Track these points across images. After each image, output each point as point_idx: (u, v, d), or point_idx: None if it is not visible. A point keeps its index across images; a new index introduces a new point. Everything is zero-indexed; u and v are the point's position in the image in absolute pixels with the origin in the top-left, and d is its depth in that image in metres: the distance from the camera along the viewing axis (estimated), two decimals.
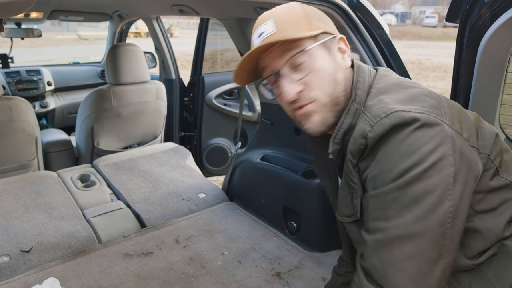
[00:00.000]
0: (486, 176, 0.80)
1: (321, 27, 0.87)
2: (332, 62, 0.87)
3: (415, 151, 0.71)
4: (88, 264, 1.61)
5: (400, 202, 0.72)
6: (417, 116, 0.72)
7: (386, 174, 0.73)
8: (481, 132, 0.83)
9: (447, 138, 0.73)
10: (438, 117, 0.74)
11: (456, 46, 1.12)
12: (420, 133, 0.72)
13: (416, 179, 0.70)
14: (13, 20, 2.89)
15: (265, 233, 1.91)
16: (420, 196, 0.70)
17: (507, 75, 1.11)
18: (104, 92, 2.48)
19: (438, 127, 0.73)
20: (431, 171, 0.70)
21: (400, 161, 0.72)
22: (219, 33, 3.51)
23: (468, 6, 1.05)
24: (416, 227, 0.70)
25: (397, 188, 0.72)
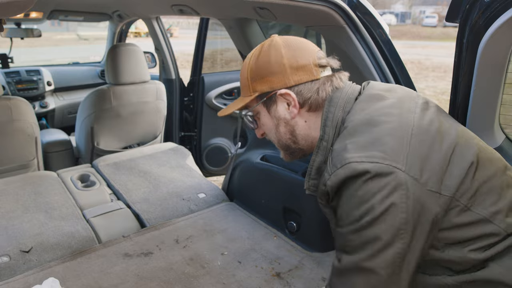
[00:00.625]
0: (451, 214, 0.82)
1: (258, 89, 0.99)
2: (270, 118, 1.02)
3: (367, 200, 0.78)
4: (88, 264, 1.61)
5: (355, 242, 0.80)
6: (368, 168, 0.78)
7: (345, 218, 0.82)
8: (450, 168, 0.83)
9: (400, 185, 0.77)
10: (393, 163, 0.78)
11: (456, 46, 1.12)
12: (372, 183, 0.78)
13: (367, 225, 0.78)
14: (13, 20, 2.89)
15: (265, 233, 1.91)
16: (371, 240, 0.78)
17: (507, 75, 1.11)
18: (104, 92, 2.48)
19: (391, 176, 0.77)
20: (381, 219, 0.77)
21: (354, 208, 0.79)
22: (219, 33, 3.51)
23: (468, 6, 1.05)
24: (367, 264, 0.78)
25: (352, 232, 0.80)
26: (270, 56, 0.97)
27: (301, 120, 1.00)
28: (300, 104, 0.97)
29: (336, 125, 0.94)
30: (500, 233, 0.82)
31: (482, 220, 0.82)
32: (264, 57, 0.98)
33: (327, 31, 1.59)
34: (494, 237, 0.82)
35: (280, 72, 0.96)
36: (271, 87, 0.98)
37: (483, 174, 0.85)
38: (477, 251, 0.82)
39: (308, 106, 0.98)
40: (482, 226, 0.82)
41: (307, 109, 0.98)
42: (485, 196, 0.84)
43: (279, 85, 0.97)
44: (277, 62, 0.96)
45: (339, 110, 0.94)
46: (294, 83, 0.96)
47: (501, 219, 0.82)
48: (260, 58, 0.99)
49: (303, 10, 1.45)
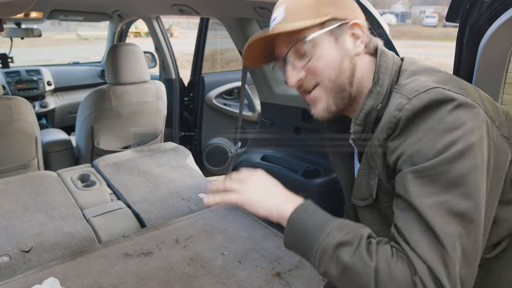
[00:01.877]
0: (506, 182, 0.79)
1: (330, 13, 0.85)
2: (337, 49, 0.86)
3: (456, 128, 0.69)
4: (88, 264, 1.61)
5: (444, 178, 0.69)
6: (456, 96, 0.72)
7: (426, 150, 0.70)
8: (510, 123, 0.83)
9: (484, 121, 0.72)
10: (475, 101, 0.74)
11: (456, 46, 1.12)
12: (461, 112, 0.71)
13: (459, 155, 0.68)
14: (13, 20, 2.89)
15: (265, 233, 1.91)
16: (465, 173, 0.68)
17: (507, 75, 1.11)
18: (104, 92, 2.48)
19: (476, 110, 0.72)
20: (473, 150, 0.69)
21: (443, 136, 0.69)
22: (219, 33, 3.51)
23: (468, 5, 1.05)
24: (462, 206, 0.68)
25: (440, 164, 0.69)
26: None
27: (359, 61, 0.89)
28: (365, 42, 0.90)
29: (390, 74, 0.86)
30: None
31: None
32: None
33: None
34: None
35: (350, 4, 0.90)
36: (345, 15, 0.87)
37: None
38: None
39: (367, 49, 0.91)
40: None
41: (366, 50, 0.90)
42: None
43: (351, 15, 0.88)
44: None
45: (391, 62, 0.89)
46: (360, 22, 0.89)
47: None
48: None
49: None
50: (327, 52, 0.86)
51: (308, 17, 0.84)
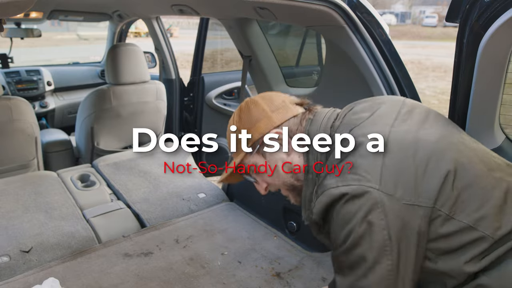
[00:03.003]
0: (435, 224, 0.83)
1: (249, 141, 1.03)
2: (270, 161, 1.03)
3: (348, 221, 0.82)
4: (88, 264, 1.61)
5: (346, 264, 0.85)
6: (344, 191, 0.82)
7: (334, 241, 0.87)
8: (425, 179, 0.83)
9: (377, 204, 0.80)
10: (367, 184, 0.81)
11: (456, 46, 1.12)
12: (350, 205, 0.82)
13: (352, 246, 0.82)
14: (13, 20, 2.89)
15: (265, 233, 1.91)
16: (359, 260, 0.82)
17: (507, 75, 1.11)
18: (104, 92, 2.48)
19: (365, 196, 0.81)
20: (363, 238, 0.80)
21: (339, 231, 0.84)
22: (219, 33, 3.51)
23: (468, 6, 1.05)
24: (360, 284, 0.82)
25: (341, 254, 0.85)
26: (250, 110, 1.03)
27: (295, 155, 1.02)
28: (291, 138, 1.01)
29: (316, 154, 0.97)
30: (487, 239, 0.81)
31: (466, 228, 0.82)
32: (245, 113, 1.04)
33: (327, 31, 1.59)
34: (482, 244, 0.81)
35: (264, 117, 1.02)
36: (260, 133, 1.01)
37: (463, 180, 0.84)
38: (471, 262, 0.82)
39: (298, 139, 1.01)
40: (468, 233, 0.82)
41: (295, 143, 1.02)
42: (467, 202, 0.83)
43: (266, 128, 1.01)
44: (258, 111, 1.03)
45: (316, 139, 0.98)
46: (279, 122, 1.01)
47: (486, 225, 0.81)
48: (242, 115, 1.04)
49: (303, 10, 1.44)
50: (264, 168, 1.05)
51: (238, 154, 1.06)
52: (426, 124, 0.92)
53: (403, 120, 0.92)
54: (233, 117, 1.07)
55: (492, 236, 0.81)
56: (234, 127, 1.06)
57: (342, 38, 1.50)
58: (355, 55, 1.49)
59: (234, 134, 1.05)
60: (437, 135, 0.89)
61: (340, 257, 0.86)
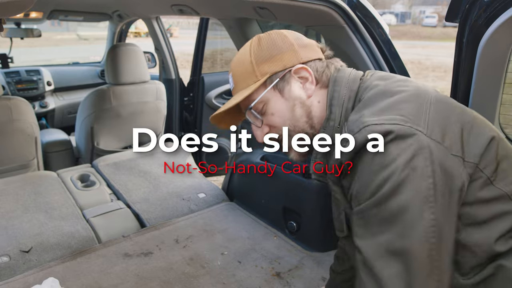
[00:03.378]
0: (474, 186, 0.76)
1: (267, 71, 0.89)
2: (286, 101, 0.91)
3: (388, 165, 0.70)
4: (88, 264, 1.61)
5: (380, 219, 0.71)
6: (389, 128, 0.72)
7: (364, 191, 0.73)
8: (472, 138, 0.78)
9: (423, 149, 0.71)
10: (414, 126, 0.73)
11: (456, 46, 1.12)
12: (393, 146, 0.71)
13: (390, 194, 0.70)
14: (13, 20, 2.89)
15: (265, 233, 1.91)
16: (397, 213, 0.69)
17: (507, 75, 1.11)
18: (104, 92, 2.48)
19: (412, 138, 0.71)
20: (405, 185, 0.69)
21: (374, 176, 0.72)
22: (219, 33, 3.51)
23: (467, 5, 1.05)
24: (399, 243, 0.69)
25: (374, 205, 0.72)
26: (274, 39, 0.91)
27: (315, 100, 0.92)
28: (316, 80, 0.91)
29: (342, 104, 0.88)
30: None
31: (504, 196, 0.77)
32: (267, 41, 0.91)
33: (327, 31, 1.59)
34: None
35: (290, 50, 0.90)
36: (284, 65, 0.90)
37: (503, 150, 0.80)
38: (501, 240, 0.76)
39: (321, 83, 0.92)
40: (504, 203, 0.77)
41: (321, 85, 0.92)
42: (507, 172, 0.78)
43: (291, 62, 0.90)
44: (283, 41, 0.90)
45: (344, 88, 0.89)
46: (306, 60, 0.90)
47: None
48: (263, 42, 0.91)
49: (303, 10, 1.45)
50: (277, 108, 0.91)
51: (250, 82, 0.90)
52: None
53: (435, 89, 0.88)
54: (249, 44, 0.93)
55: None
56: (249, 53, 0.91)
57: (342, 38, 1.50)
58: (355, 55, 1.49)
59: (249, 61, 0.91)
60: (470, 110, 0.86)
61: (368, 211, 0.72)
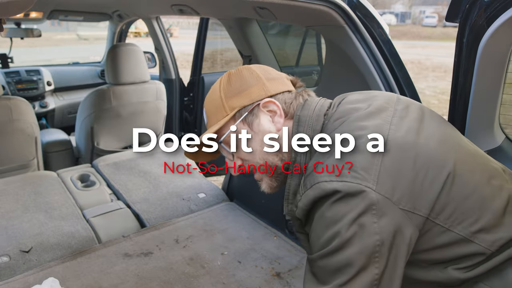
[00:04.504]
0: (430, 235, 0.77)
1: (236, 105, 0.90)
2: (256, 134, 0.90)
3: (336, 222, 0.73)
4: (88, 264, 1.61)
5: (327, 269, 0.75)
6: (337, 188, 0.73)
7: (315, 243, 0.77)
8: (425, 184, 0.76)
9: (371, 205, 0.72)
10: (363, 183, 0.73)
11: (456, 46, 1.12)
12: (342, 204, 0.73)
13: (337, 249, 0.73)
14: (13, 20, 2.89)
15: (265, 233, 1.91)
16: (343, 266, 0.73)
17: (507, 75, 1.11)
18: (104, 92, 2.48)
19: (361, 195, 0.73)
20: (352, 241, 0.72)
21: (324, 231, 0.75)
22: (219, 33, 3.51)
23: (468, 5, 1.05)
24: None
25: (322, 257, 0.75)
26: (243, 74, 0.92)
27: (285, 132, 0.91)
28: (285, 113, 0.91)
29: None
30: (485, 252, 0.77)
31: (462, 240, 0.77)
32: (236, 77, 0.92)
33: (327, 31, 1.59)
34: (478, 257, 0.78)
35: (258, 83, 0.90)
36: (252, 99, 0.90)
37: (463, 191, 0.79)
38: (461, 270, 0.79)
39: (290, 115, 0.91)
40: (464, 246, 0.78)
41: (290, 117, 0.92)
42: (465, 215, 0.78)
43: (259, 96, 0.90)
44: (251, 76, 0.91)
45: (308, 130, 0.88)
46: (274, 92, 0.90)
47: (483, 238, 0.77)
48: (232, 78, 0.92)
49: (303, 10, 1.44)
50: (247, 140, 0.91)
51: (219, 117, 0.91)
52: (423, 123, 0.86)
53: (400, 117, 0.84)
54: (220, 80, 0.94)
55: (489, 248, 0.77)
56: (219, 90, 0.92)
57: (342, 38, 1.50)
58: (355, 55, 1.49)
59: (218, 97, 0.91)
60: (436, 139, 0.83)
61: (319, 262, 0.76)
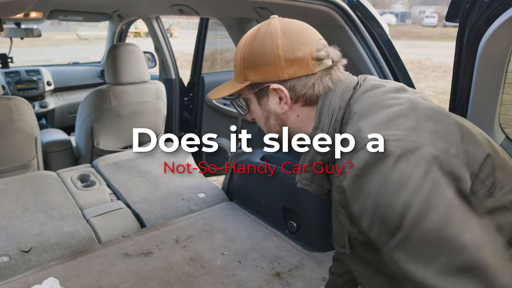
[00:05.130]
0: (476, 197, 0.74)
1: (249, 78, 0.92)
2: (260, 110, 0.96)
3: (405, 184, 0.67)
4: (88, 264, 1.61)
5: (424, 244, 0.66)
6: (393, 149, 0.69)
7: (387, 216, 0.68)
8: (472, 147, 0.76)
9: (433, 160, 0.69)
10: (418, 139, 0.71)
11: (456, 45, 1.12)
12: (403, 164, 0.68)
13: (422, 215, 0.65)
14: (13, 20, 2.89)
15: (265, 233, 1.91)
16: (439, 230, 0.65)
17: (507, 74, 1.11)
18: (104, 92, 2.48)
19: (420, 151, 0.69)
20: (432, 200, 0.66)
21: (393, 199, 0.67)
22: (219, 33, 3.51)
23: (468, 5, 1.05)
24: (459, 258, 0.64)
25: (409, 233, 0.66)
26: (265, 45, 0.89)
27: (293, 114, 0.92)
28: (292, 100, 0.91)
29: (332, 113, 0.87)
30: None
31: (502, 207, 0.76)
32: (258, 45, 0.90)
33: (327, 31, 1.59)
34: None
35: (274, 64, 0.88)
36: (264, 78, 0.90)
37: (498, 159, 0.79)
38: None
39: (301, 102, 0.91)
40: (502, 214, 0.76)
41: (301, 104, 0.92)
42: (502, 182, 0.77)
43: (272, 77, 0.89)
44: (271, 53, 0.88)
45: (335, 98, 0.88)
46: (288, 77, 0.89)
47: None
48: (255, 45, 0.90)
49: (303, 9, 1.45)
50: (254, 110, 0.98)
51: (238, 79, 0.96)
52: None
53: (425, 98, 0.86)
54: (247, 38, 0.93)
55: None
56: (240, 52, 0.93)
57: (342, 38, 1.50)
58: (355, 55, 1.49)
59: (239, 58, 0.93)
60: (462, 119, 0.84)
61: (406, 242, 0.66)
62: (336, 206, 0.84)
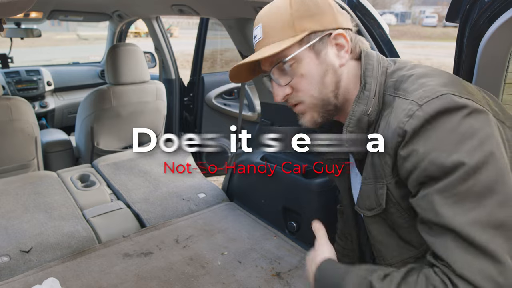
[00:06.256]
0: None
1: (307, 28, 0.82)
2: (319, 65, 0.85)
3: (472, 136, 0.67)
4: (88, 264, 1.61)
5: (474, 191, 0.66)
6: (467, 103, 0.69)
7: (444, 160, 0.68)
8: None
9: (495, 126, 0.71)
10: (483, 105, 0.72)
11: (456, 46, 1.12)
12: (472, 119, 0.69)
13: (482, 164, 0.66)
14: (13, 20, 2.89)
15: (265, 233, 1.91)
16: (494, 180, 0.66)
17: (507, 75, 1.11)
18: (104, 92, 2.48)
19: (486, 115, 0.71)
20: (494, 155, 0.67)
21: (458, 146, 0.67)
22: (219, 33, 3.51)
23: (468, 5, 1.05)
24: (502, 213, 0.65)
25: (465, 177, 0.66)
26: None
27: (345, 70, 0.87)
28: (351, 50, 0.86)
29: (377, 76, 0.84)
30: None
31: None
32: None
33: None
34: None
35: (330, 12, 0.84)
36: (324, 27, 0.83)
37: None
38: None
39: (354, 54, 0.88)
40: None
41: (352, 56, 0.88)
42: None
43: (331, 25, 0.84)
44: (324, 2, 0.85)
45: (376, 62, 0.86)
46: (342, 27, 0.85)
47: None
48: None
49: None
50: (308, 70, 0.84)
51: (285, 36, 0.83)
52: None
53: None
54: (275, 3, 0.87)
55: None
56: (289, 5, 0.83)
57: None
58: None
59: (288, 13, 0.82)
60: None
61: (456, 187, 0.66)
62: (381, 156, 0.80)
